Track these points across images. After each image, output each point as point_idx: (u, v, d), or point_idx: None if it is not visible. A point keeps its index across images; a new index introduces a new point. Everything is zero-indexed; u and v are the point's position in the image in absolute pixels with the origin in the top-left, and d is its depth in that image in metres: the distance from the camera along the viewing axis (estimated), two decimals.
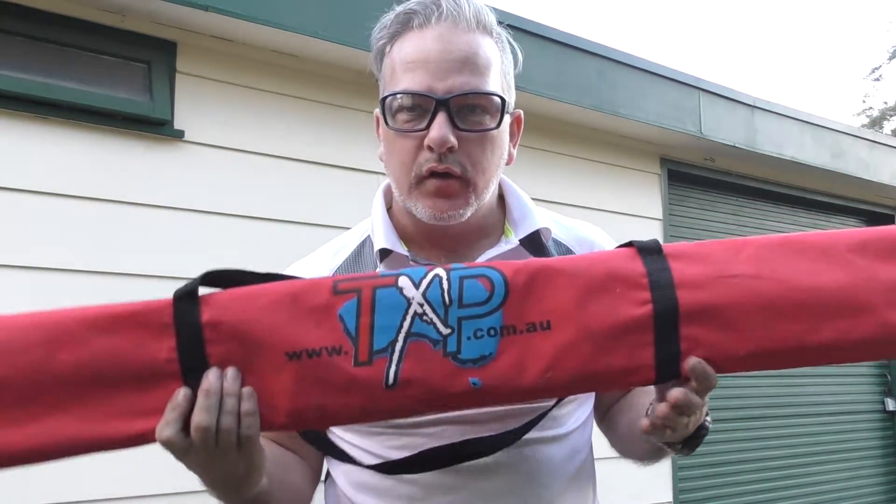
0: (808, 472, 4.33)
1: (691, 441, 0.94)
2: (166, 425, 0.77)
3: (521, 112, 1.08)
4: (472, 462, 0.95)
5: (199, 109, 2.42)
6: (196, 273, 0.88)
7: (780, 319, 0.84)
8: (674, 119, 3.50)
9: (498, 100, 0.97)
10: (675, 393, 0.83)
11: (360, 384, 0.80)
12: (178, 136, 2.36)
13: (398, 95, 0.95)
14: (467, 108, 0.95)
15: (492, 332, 0.82)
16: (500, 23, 1.02)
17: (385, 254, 1.01)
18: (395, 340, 0.81)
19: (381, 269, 1.01)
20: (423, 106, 0.94)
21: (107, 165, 2.25)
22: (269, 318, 0.81)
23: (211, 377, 0.78)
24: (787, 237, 0.90)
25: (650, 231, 3.62)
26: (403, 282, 0.83)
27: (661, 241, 0.88)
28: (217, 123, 2.44)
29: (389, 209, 1.07)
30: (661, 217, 3.69)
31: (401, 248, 1.01)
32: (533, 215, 1.06)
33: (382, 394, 0.80)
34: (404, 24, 0.97)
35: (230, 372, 0.79)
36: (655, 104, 3.43)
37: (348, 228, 1.15)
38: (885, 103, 20.91)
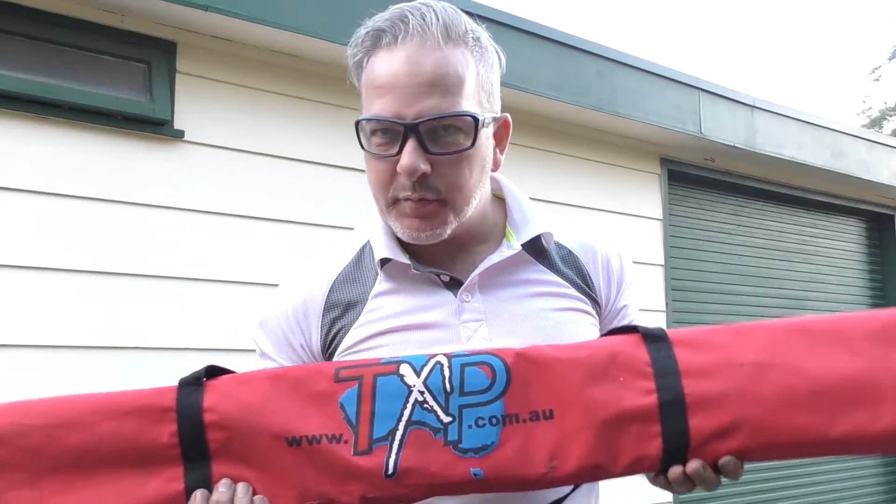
0: (808, 472, 4.32)
1: None
2: None
3: (509, 116, 1.05)
4: None
5: (199, 109, 2.41)
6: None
7: (794, 410, 0.81)
8: (674, 119, 3.50)
9: (470, 119, 0.94)
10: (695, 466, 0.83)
11: (360, 473, 0.80)
12: (178, 136, 2.36)
13: (367, 122, 0.94)
14: (440, 130, 0.93)
15: (493, 420, 0.81)
16: (477, 16, 1.00)
17: (385, 262, 1.00)
18: (396, 429, 0.81)
19: (381, 276, 1.01)
20: (394, 131, 0.93)
21: (107, 165, 2.25)
22: (270, 403, 0.82)
23: (221, 489, 0.80)
24: (800, 321, 0.87)
25: (650, 231, 3.63)
26: (405, 369, 0.84)
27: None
28: (217, 123, 2.44)
29: None
30: (661, 217, 3.69)
31: (402, 258, 1.00)
32: (534, 219, 1.04)
33: (383, 483, 0.80)
34: (374, 42, 0.96)
35: (240, 488, 0.81)
36: (655, 104, 3.43)
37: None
38: (885, 103, 20.88)
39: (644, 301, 1.19)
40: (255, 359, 1.06)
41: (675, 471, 0.84)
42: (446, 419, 0.81)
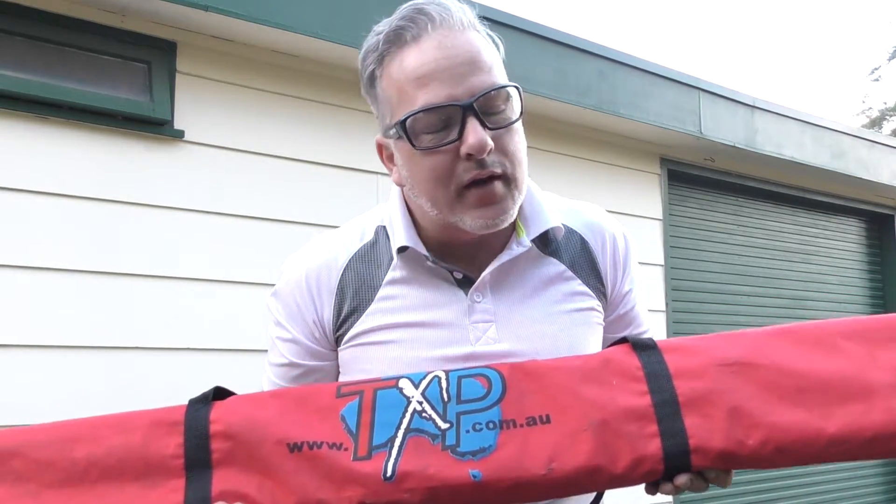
0: (808, 472, 4.33)
1: None
2: None
3: None
4: None
5: (199, 109, 2.42)
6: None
7: (787, 405, 0.83)
8: (674, 119, 3.50)
9: (515, 89, 0.95)
10: (682, 479, 0.82)
11: (358, 477, 0.80)
12: (178, 136, 2.36)
13: (420, 114, 0.91)
14: (491, 107, 0.93)
15: (490, 425, 0.83)
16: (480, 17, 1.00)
17: (403, 249, 1.00)
18: (395, 437, 0.82)
19: (396, 262, 1.01)
20: (449, 117, 0.91)
21: (107, 165, 2.25)
22: (274, 415, 0.85)
23: None
24: (782, 327, 0.91)
25: (650, 231, 3.63)
26: (403, 383, 0.87)
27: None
28: (217, 123, 2.44)
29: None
30: (661, 217, 3.69)
31: (421, 248, 1.00)
32: (545, 213, 1.04)
33: (381, 486, 0.80)
34: (395, 42, 0.93)
35: None
36: (655, 104, 3.43)
37: None
38: (885, 103, 20.88)
39: (645, 297, 1.19)
40: (263, 356, 1.07)
41: (680, 479, 0.83)
42: (444, 425, 0.83)
